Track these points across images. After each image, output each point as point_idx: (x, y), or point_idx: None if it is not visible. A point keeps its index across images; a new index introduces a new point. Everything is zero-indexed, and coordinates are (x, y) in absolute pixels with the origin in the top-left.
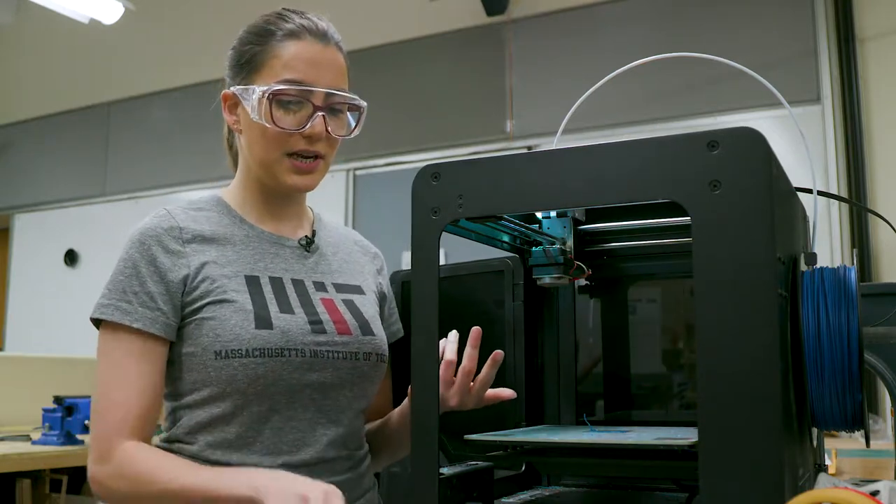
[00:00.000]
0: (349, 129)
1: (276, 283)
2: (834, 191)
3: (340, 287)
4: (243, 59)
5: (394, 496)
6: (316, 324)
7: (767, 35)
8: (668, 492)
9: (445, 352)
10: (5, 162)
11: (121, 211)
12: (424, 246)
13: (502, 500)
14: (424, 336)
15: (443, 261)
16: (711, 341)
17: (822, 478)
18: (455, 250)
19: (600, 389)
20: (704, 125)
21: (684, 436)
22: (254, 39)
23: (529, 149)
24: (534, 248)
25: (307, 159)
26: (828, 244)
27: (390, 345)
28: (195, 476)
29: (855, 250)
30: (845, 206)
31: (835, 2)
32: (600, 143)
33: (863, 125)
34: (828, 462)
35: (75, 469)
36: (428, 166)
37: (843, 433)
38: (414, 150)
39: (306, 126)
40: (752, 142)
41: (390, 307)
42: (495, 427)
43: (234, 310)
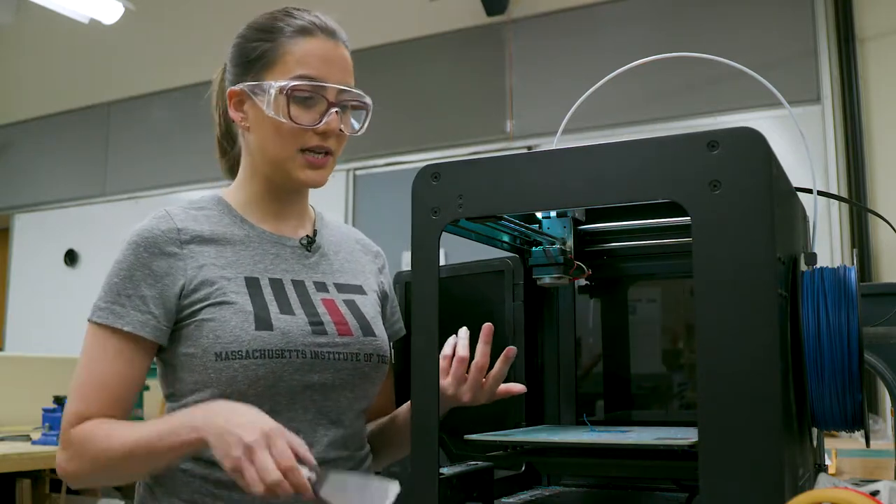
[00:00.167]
0: (357, 126)
1: (276, 285)
2: (834, 191)
3: (342, 287)
4: (252, 56)
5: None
6: (317, 325)
7: (767, 35)
8: (668, 492)
9: (458, 348)
10: (5, 162)
11: (121, 211)
12: (424, 246)
13: (502, 500)
14: (424, 336)
15: (443, 261)
16: (711, 341)
17: (822, 478)
18: (455, 250)
19: (600, 389)
20: (704, 125)
21: (684, 436)
22: (263, 36)
23: (529, 149)
24: (534, 248)
25: (318, 154)
26: (828, 244)
27: (393, 343)
28: (140, 432)
29: (855, 250)
30: (845, 206)
31: (835, 2)
32: (600, 143)
33: (863, 125)
34: (828, 462)
35: None
36: (428, 166)
37: (843, 433)
38: (414, 150)
39: (321, 122)
40: (752, 142)
41: (392, 306)
42: (495, 427)
43: (233, 311)
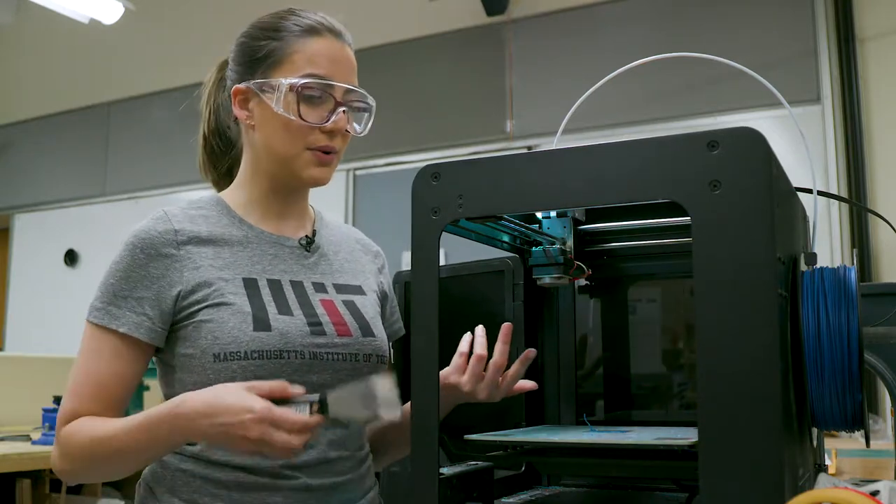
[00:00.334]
0: (362, 126)
1: (275, 285)
2: (834, 191)
3: (341, 287)
4: (259, 54)
5: (394, 496)
6: (315, 325)
7: (767, 35)
8: (668, 492)
9: (475, 346)
10: (5, 162)
11: (121, 211)
12: (424, 246)
13: (502, 500)
14: (424, 336)
15: (443, 261)
16: (711, 341)
17: (822, 478)
18: (455, 250)
19: (600, 389)
20: (704, 125)
21: (684, 436)
22: (269, 35)
23: (529, 149)
24: (534, 248)
25: (325, 153)
26: (828, 244)
27: (393, 343)
28: (120, 426)
29: (855, 250)
30: (845, 206)
31: (835, 2)
32: (600, 143)
33: (863, 125)
34: (828, 462)
35: None
36: (428, 166)
37: (843, 433)
38: (414, 150)
39: (329, 120)
40: (752, 142)
41: (392, 306)
42: (495, 427)
43: (231, 312)
